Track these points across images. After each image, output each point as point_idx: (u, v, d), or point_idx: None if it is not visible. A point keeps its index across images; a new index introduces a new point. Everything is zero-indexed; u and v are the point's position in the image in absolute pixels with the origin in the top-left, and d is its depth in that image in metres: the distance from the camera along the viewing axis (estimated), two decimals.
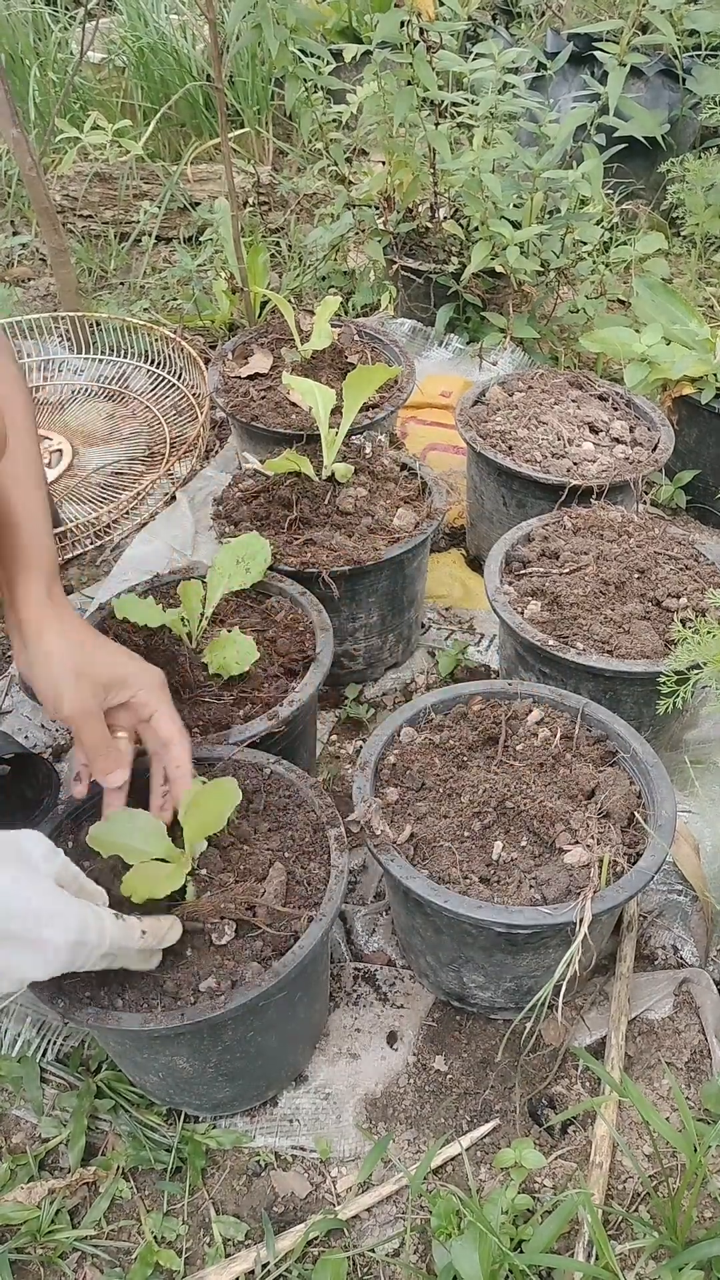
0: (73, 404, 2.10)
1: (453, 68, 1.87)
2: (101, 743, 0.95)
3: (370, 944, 1.14)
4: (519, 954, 0.96)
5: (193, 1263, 0.92)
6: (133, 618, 1.16)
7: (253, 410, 1.60)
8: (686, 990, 1.09)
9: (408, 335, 2.19)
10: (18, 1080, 1.03)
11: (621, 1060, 1.01)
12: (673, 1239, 0.85)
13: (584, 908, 0.89)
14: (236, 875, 0.95)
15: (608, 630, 1.20)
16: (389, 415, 1.62)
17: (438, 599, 1.65)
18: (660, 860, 0.94)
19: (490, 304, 2.11)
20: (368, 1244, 0.92)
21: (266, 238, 2.60)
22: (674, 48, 2.01)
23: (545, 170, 1.85)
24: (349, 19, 3.10)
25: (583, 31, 2.25)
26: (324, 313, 1.65)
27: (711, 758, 1.33)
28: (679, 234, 2.50)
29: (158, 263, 2.64)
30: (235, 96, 3.00)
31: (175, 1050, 0.89)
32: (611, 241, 2.13)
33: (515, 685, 1.15)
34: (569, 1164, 0.96)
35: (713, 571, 1.30)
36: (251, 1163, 0.98)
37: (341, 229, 2.19)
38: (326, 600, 1.27)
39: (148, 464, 1.93)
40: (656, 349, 1.70)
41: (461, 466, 1.74)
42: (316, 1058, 1.04)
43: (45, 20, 3.20)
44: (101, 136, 2.38)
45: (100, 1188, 0.96)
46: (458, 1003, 1.07)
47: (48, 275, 2.58)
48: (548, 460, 1.49)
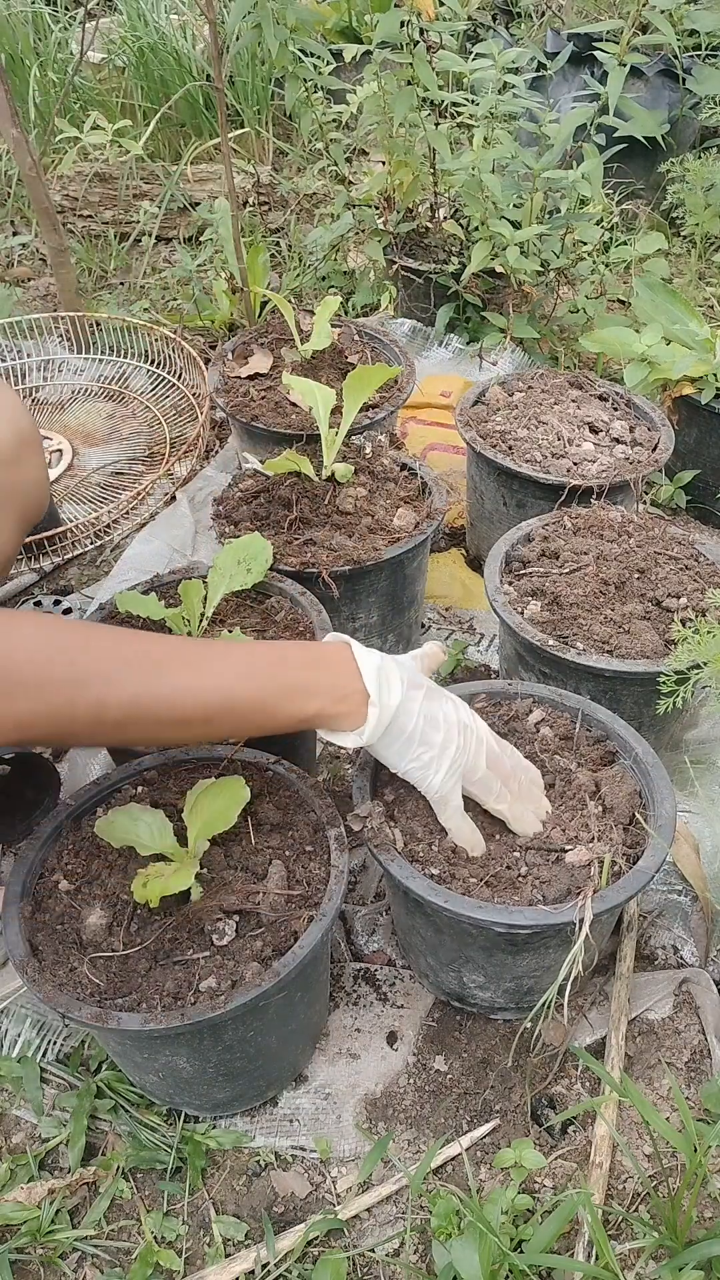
0: (73, 404, 2.10)
1: (453, 68, 1.87)
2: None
3: (370, 944, 1.14)
4: (519, 954, 0.96)
5: (193, 1263, 0.92)
6: (135, 611, 1.16)
7: (253, 410, 1.60)
8: (686, 990, 1.09)
9: (408, 335, 2.19)
10: (18, 1080, 1.03)
11: (621, 1060, 1.01)
12: (673, 1239, 0.85)
13: (585, 907, 0.89)
14: (238, 874, 0.95)
15: (608, 630, 1.20)
16: (389, 415, 1.62)
17: (438, 599, 1.65)
18: (660, 860, 0.94)
19: (490, 304, 2.11)
20: (368, 1244, 0.92)
21: (266, 238, 2.60)
22: (674, 48, 2.00)
23: (545, 170, 1.85)
24: (349, 19, 3.10)
25: (583, 31, 2.25)
26: (324, 313, 1.65)
27: (712, 758, 1.33)
28: (679, 234, 2.50)
29: (158, 263, 2.64)
30: (235, 96, 3.00)
31: (175, 1050, 0.89)
32: (611, 241, 2.13)
33: (515, 685, 1.15)
34: (569, 1164, 0.96)
35: (713, 571, 1.30)
36: (251, 1163, 0.98)
37: (341, 229, 2.19)
38: (326, 600, 1.27)
39: (148, 464, 1.93)
40: (656, 349, 1.70)
41: (461, 466, 1.74)
42: (316, 1058, 1.04)
43: (45, 20, 3.20)
44: (101, 136, 2.37)
45: (100, 1188, 0.96)
46: (458, 1003, 1.07)
47: (48, 275, 2.58)
48: (548, 460, 1.49)
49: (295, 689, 0.87)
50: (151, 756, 1.06)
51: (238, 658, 0.87)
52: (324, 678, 0.88)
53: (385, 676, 0.89)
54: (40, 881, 0.96)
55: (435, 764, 0.92)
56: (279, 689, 0.86)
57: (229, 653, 0.88)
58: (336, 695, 0.87)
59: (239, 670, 0.85)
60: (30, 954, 0.89)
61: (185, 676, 0.82)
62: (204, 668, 0.83)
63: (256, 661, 0.88)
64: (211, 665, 0.84)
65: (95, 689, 0.77)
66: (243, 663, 0.87)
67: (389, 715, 0.89)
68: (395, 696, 0.89)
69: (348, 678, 0.88)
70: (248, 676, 0.85)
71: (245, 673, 0.86)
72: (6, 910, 0.92)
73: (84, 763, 1.33)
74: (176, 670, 0.82)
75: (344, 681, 0.88)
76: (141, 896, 0.88)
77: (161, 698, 0.80)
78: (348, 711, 0.88)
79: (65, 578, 1.70)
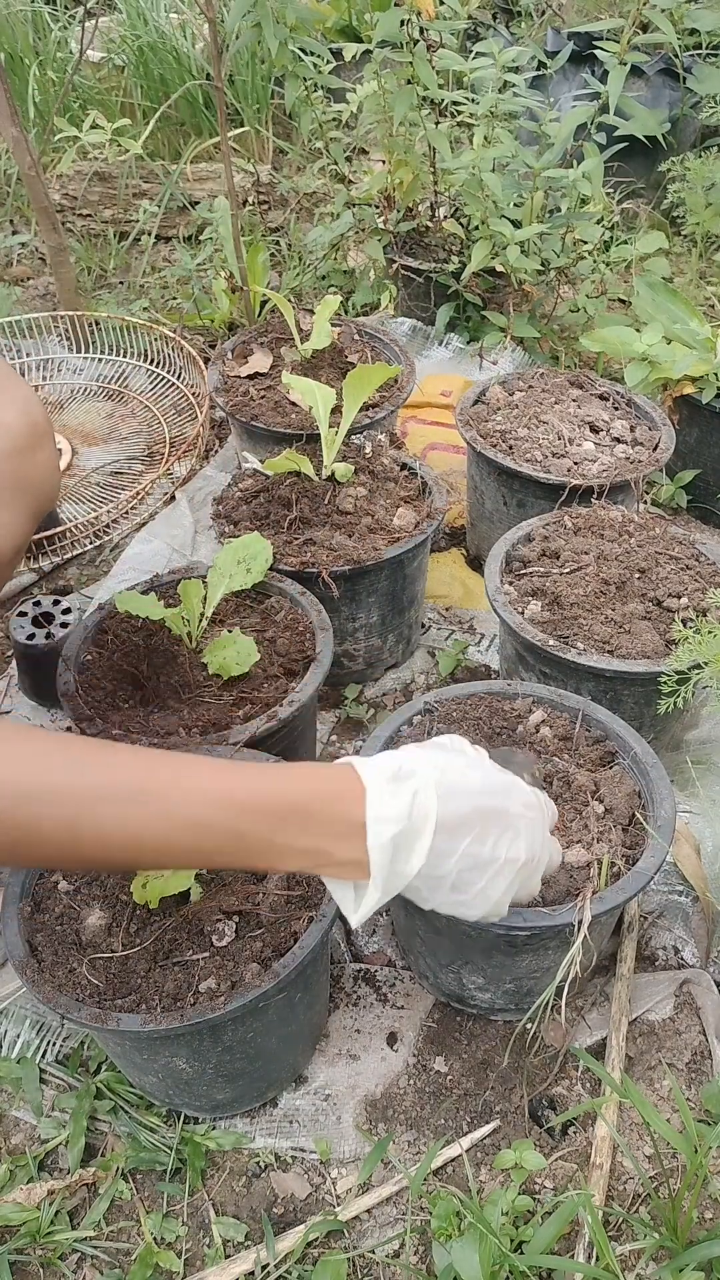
0: (72, 403, 2.09)
1: (453, 66, 1.87)
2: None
3: (370, 945, 1.14)
4: (518, 955, 0.96)
5: (192, 1264, 0.91)
6: (134, 610, 1.15)
7: (252, 410, 1.60)
8: (687, 991, 1.09)
9: (408, 334, 2.19)
10: (17, 1081, 1.02)
11: (622, 1061, 1.01)
12: (673, 1240, 0.85)
13: (584, 909, 0.89)
14: (238, 874, 0.95)
15: (608, 630, 1.19)
16: (389, 415, 1.62)
17: (438, 599, 1.64)
18: (660, 861, 0.94)
19: (490, 303, 2.11)
20: (368, 1245, 0.92)
21: (266, 237, 2.59)
22: (674, 47, 2.00)
23: (545, 169, 1.85)
24: (349, 18, 3.09)
25: (583, 30, 2.25)
26: (324, 312, 1.64)
27: (712, 758, 1.33)
28: (679, 233, 2.50)
29: (157, 262, 2.63)
30: (235, 95, 2.99)
31: (175, 1051, 0.88)
32: (612, 241, 2.12)
33: (515, 685, 1.14)
34: (569, 1165, 0.96)
35: (714, 571, 1.30)
36: (251, 1164, 0.98)
37: (341, 228, 2.19)
38: (326, 600, 1.27)
39: (147, 464, 1.93)
40: (657, 348, 1.70)
41: (462, 466, 1.74)
42: (316, 1059, 1.04)
43: (45, 19, 3.20)
44: (101, 135, 2.37)
45: (100, 1189, 0.96)
46: (458, 1004, 1.07)
47: (47, 274, 2.57)
48: (548, 460, 1.49)
49: (256, 848, 0.70)
50: None
51: (184, 805, 0.68)
52: (301, 840, 0.70)
53: (403, 842, 0.71)
54: (40, 882, 0.96)
55: (474, 904, 0.79)
56: (232, 850, 0.70)
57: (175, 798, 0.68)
58: (316, 863, 0.71)
59: (181, 823, 0.68)
60: (30, 955, 0.89)
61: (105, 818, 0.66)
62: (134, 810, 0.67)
63: (210, 813, 0.68)
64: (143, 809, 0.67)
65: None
66: (188, 812, 0.68)
67: (401, 885, 0.74)
68: (414, 866, 0.73)
69: (342, 843, 0.70)
70: (190, 831, 0.68)
71: (188, 828, 0.68)
72: (6, 911, 0.92)
73: None
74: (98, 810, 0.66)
75: (334, 848, 0.70)
76: (141, 897, 0.88)
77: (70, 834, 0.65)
78: (333, 873, 0.73)
79: (64, 577, 1.69)
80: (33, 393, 0.95)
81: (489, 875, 0.77)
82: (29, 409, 0.93)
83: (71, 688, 1.14)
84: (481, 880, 0.77)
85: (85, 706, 1.12)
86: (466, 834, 0.75)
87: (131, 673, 1.18)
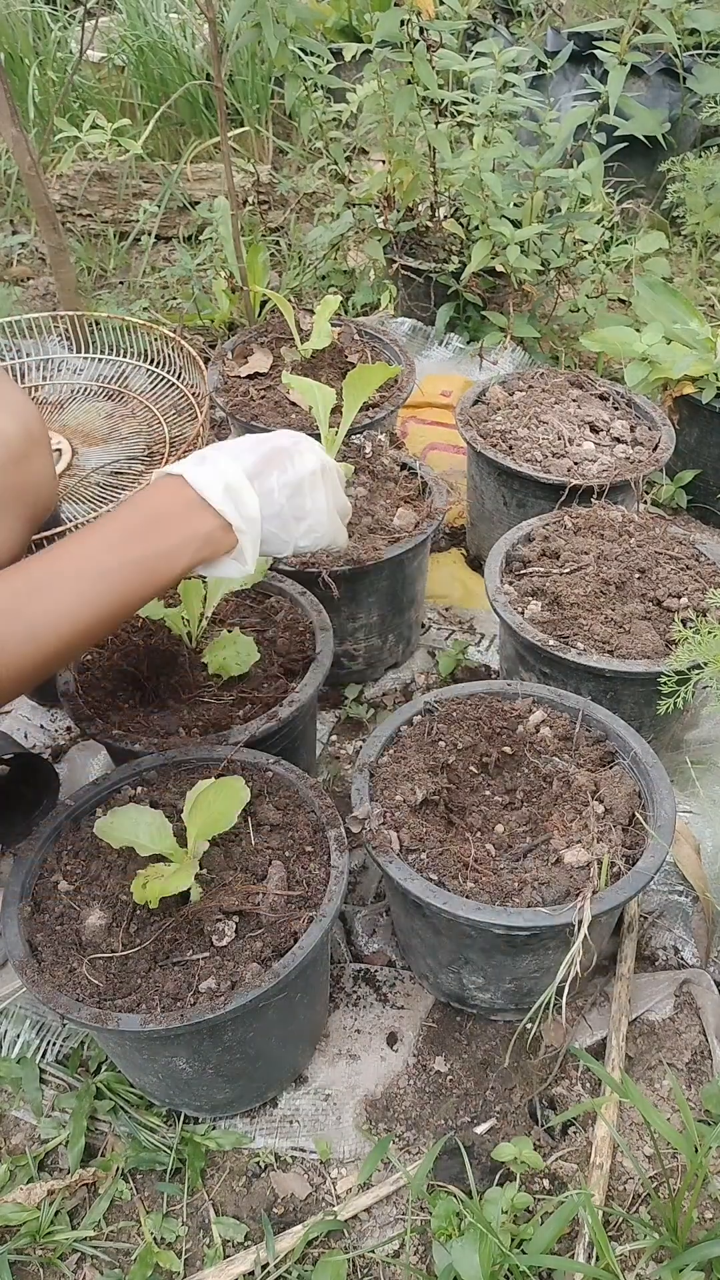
0: (72, 403, 2.09)
1: (453, 66, 1.87)
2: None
3: (370, 945, 1.14)
4: (518, 955, 0.96)
5: (192, 1264, 0.91)
6: None
7: (252, 410, 1.60)
8: (687, 991, 1.09)
9: (408, 334, 2.19)
10: (17, 1081, 1.02)
11: (622, 1061, 1.01)
12: (673, 1240, 0.85)
13: (583, 909, 0.89)
14: (238, 875, 0.95)
15: (608, 630, 1.19)
16: (389, 415, 1.62)
17: (438, 599, 1.64)
18: (660, 861, 0.94)
19: (490, 303, 2.11)
20: (368, 1245, 0.92)
21: (266, 237, 2.59)
22: (674, 46, 2.00)
23: (545, 169, 1.85)
24: (349, 17, 3.09)
25: (583, 30, 2.25)
26: (324, 312, 1.64)
27: (712, 758, 1.33)
28: (679, 233, 2.50)
29: (157, 262, 2.63)
30: (235, 95, 2.99)
31: (175, 1051, 0.88)
32: (612, 241, 2.12)
33: (515, 685, 1.14)
34: (569, 1165, 0.96)
35: (714, 571, 1.30)
36: (251, 1164, 0.98)
37: (341, 228, 2.19)
38: (326, 600, 1.27)
39: (147, 464, 1.93)
40: (657, 348, 1.70)
41: (462, 466, 1.74)
42: (316, 1059, 1.04)
43: (45, 19, 3.20)
44: (101, 135, 2.37)
45: (100, 1189, 0.96)
46: (458, 1004, 1.07)
47: (47, 274, 2.57)
48: (548, 460, 1.49)
49: (153, 562, 0.83)
50: (151, 757, 1.06)
51: (87, 567, 0.82)
52: (174, 535, 0.84)
53: (233, 491, 0.86)
54: (40, 882, 0.96)
55: (320, 527, 0.93)
56: (141, 575, 0.83)
57: (78, 567, 0.82)
58: (197, 544, 0.84)
59: (94, 579, 0.81)
60: (30, 955, 0.89)
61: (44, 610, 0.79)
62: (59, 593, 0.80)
63: (105, 560, 0.82)
64: (65, 588, 0.81)
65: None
66: (92, 570, 0.82)
67: (258, 528, 0.88)
68: (253, 505, 0.87)
69: (198, 520, 0.84)
70: (104, 579, 0.82)
71: (101, 578, 0.82)
72: (6, 911, 0.92)
73: (84, 763, 1.32)
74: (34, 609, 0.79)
75: (197, 525, 0.84)
76: (141, 897, 0.87)
77: (31, 639, 0.79)
78: (215, 550, 0.86)
79: None
80: (28, 399, 0.95)
81: (306, 491, 0.92)
82: (24, 416, 0.93)
83: (71, 687, 1.14)
84: (306, 499, 0.92)
85: (85, 706, 1.12)
86: (271, 470, 0.90)
87: (131, 672, 1.18)
